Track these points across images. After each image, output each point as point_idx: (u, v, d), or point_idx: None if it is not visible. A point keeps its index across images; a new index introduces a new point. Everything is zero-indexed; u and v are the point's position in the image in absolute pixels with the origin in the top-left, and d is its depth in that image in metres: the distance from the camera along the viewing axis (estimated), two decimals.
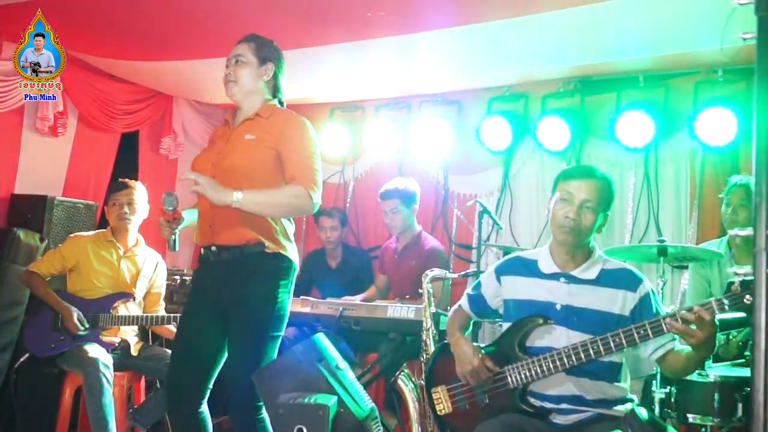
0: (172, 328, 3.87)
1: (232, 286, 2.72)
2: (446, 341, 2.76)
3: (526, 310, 2.53)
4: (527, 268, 2.59)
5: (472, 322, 2.84)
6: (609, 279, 2.48)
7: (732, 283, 2.16)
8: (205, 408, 2.83)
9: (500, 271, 2.67)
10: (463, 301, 2.80)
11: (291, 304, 2.83)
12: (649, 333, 2.28)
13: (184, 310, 2.93)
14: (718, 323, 2.22)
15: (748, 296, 2.10)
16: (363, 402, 2.66)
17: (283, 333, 2.79)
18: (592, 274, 2.49)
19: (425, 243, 4.53)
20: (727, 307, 2.17)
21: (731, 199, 3.63)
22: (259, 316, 2.71)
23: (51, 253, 3.96)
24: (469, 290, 2.81)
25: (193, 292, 2.93)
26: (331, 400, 2.47)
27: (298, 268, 2.86)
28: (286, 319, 2.79)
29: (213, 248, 2.76)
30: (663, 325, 2.26)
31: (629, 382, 2.55)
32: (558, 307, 2.48)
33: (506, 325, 2.61)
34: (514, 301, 2.60)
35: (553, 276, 2.52)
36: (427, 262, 4.27)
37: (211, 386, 2.82)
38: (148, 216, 4.08)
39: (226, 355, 2.80)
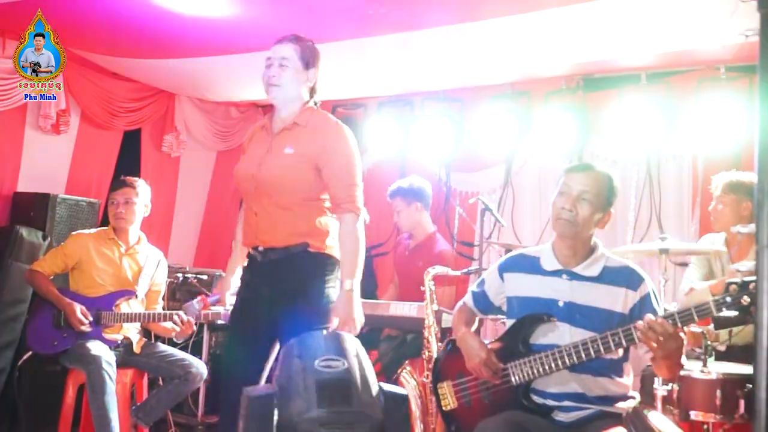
0: (169, 325, 3.88)
1: (280, 284, 2.76)
2: (453, 337, 2.77)
3: (529, 307, 2.54)
4: (530, 265, 2.60)
5: (477, 319, 2.85)
6: (611, 276, 2.48)
7: (731, 283, 2.17)
8: None
9: (503, 269, 2.68)
10: (467, 298, 2.81)
11: None
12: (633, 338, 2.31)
13: (234, 308, 2.96)
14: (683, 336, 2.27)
15: (745, 297, 2.11)
16: (316, 404, 2.56)
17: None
18: (595, 271, 2.49)
19: (435, 245, 4.49)
20: (725, 309, 2.18)
21: (714, 195, 3.69)
22: (309, 311, 2.74)
23: (53, 251, 3.96)
24: (473, 287, 2.82)
25: (242, 290, 2.95)
26: (263, 392, 2.50)
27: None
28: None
29: (260, 249, 2.80)
30: (633, 332, 2.30)
31: (632, 378, 2.56)
32: (560, 303, 2.49)
33: (509, 322, 2.61)
34: (517, 298, 2.60)
35: (556, 273, 2.53)
36: (434, 265, 4.25)
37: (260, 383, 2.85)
38: (150, 213, 4.08)
39: (270, 355, 2.86)
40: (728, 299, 2.17)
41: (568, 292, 2.49)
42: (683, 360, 2.40)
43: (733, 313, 2.18)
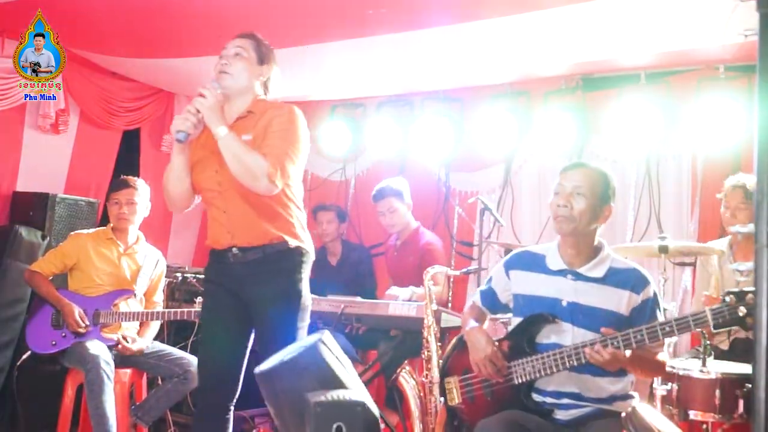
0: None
1: (256, 285, 2.73)
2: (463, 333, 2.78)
3: (534, 305, 2.55)
4: (535, 263, 2.61)
5: (488, 318, 2.84)
6: (616, 278, 2.49)
7: (729, 293, 2.18)
8: (232, 411, 2.84)
9: (509, 266, 2.69)
10: (476, 297, 2.82)
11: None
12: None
13: (204, 309, 2.91)
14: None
15: (742, 308, 2.13)
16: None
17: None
18: (600, 272, 2.50)
19: (421, 238, 4.53)
20: (721, 320, 2.20)
21: (729, 201, 3.63)
22: (287, 311, 2.74)
23: (52, 252, 3.96)
24: (482, 286, 2.83)
25: (210, 290, 2.88)
26: (362, 396, 2.46)
27: (313, 256, 2.87)
28: (310, 308, 2.83)
29: (234, 250, 2.74)
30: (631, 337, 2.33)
31: (633, 377, 2.56)
32: (564, 303, 2.50)
33: (514, 320, 2.62)
34: (522, 296, 2.62)
35: (560, 273, 2.54)
36: (424, 257, 4.28)
37: (240, 385, 2.83)
38: (150, 213, 4.08)
39: (248, 352, 2.83)
40: (725, 309, 2.19)
41: (572, 293, 2.50)
42: (665, 359, 2.53)
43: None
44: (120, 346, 3.78)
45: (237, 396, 2.84)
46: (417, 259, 4.31)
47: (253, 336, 2.84)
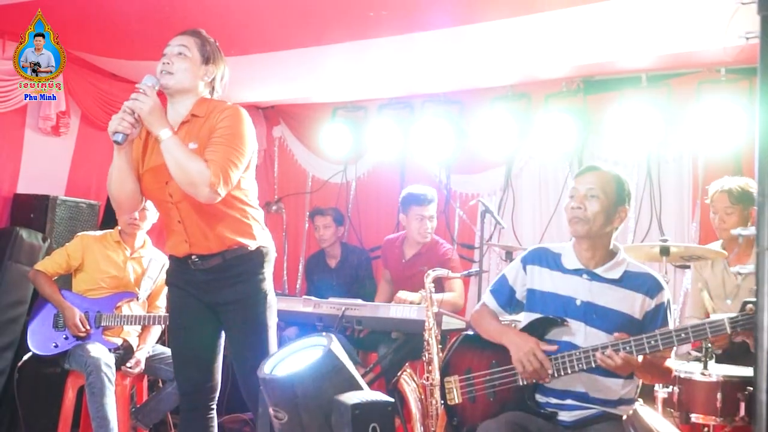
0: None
1: (220, 289, 2.71)
2: (468, 332, 2.78)
3: (548, 302, 2.56)
4: (552, 260, 2.62)
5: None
6: (631, 281, 2.51)
7: (747, 302, 2.20)
8: (215, 409, 2.84)
9: (526, 261, 2.69)
10: (488, 299, 2.77)
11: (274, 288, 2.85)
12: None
13: (172, 314, 2.87)
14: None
15: None
16: None
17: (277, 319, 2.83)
18: (616, 274, 2.52)
19: (440, 247, 4.49)
20: (738, 329, 2.23)
21: (715, 206, 3.66)
22: (255, 312, 2.73)
23: (58, 251, 3.97)
24: (491, 287, 2.79)
25: (175, 294, 2.84)
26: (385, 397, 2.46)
27: (274, 252, 2.84)
28: (276, 304, 2.81)
29: (193, 258, 2.71)
30: (644, 342, 2.35)
31: (639, 381, 2.56)
32: (578, 302, 2.51)
33: (526, 315, 2.62)
34: (537, 291, 2.62)
35: (576, 272, 2.55)
36: (444, 267, 4.22)
37: (219, 383, 2.82)
38: (158, 220, 4.08)
39: (221, 350, 2.83)
40: (743, 318, 2.21)
41: (587, 292, 2.52)
42: (672, 364, 2.55)
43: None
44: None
45: (215, 394, 2.83)
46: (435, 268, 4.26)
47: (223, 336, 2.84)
